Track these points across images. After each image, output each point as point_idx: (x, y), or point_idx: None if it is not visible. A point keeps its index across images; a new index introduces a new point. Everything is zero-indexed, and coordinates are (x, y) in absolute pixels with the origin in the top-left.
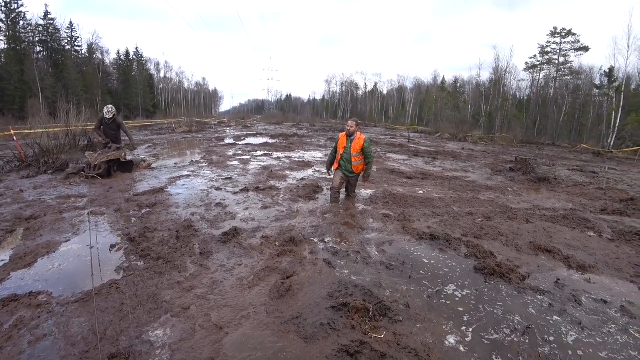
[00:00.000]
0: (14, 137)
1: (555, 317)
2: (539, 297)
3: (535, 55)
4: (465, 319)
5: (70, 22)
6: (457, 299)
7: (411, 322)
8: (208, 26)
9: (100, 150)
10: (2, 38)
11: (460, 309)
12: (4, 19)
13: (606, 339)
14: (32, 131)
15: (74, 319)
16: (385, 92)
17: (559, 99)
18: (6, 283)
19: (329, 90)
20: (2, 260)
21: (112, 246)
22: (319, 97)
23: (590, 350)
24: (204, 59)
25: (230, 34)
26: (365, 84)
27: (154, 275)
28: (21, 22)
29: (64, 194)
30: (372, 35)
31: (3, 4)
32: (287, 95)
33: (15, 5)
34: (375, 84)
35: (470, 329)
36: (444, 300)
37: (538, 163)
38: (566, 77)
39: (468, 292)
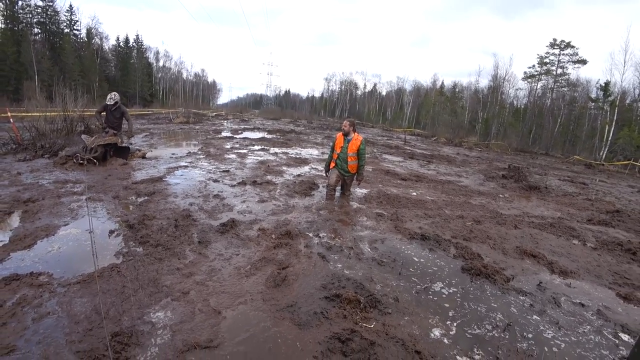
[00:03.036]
0: (11, 119)
1: (534, 317)
2: (521, 297)
3: (534, 65)
4: (451, 314)
5: (70, 5)
6: (443, 295)
7: (399, 314)
8: (210, 18)
9: (97, 134)
10: None
11: (446, 305)
12: None
13: (580, 338)
14: (29, 114)
15: (76, 299)
16: (384, 93)
17: (555, 110)
18: (7, 263)
19: (328, 89)
20: (2, 241)
21: (111, 232)
22: (317, 94)
23: (565, 347)
24: (204, 50)
25: (232, 27)
26: (365, 84)
27: (154, 260)
28: (20, 2)
29: (61, 178)
30: (372, 36)
31: None
32: (285, 91)
33: None
34: (375, 85)
35: (455, 324)
36: (431, 297)
37: (530, 172)
38: (563, 88)
39: (454, 290)
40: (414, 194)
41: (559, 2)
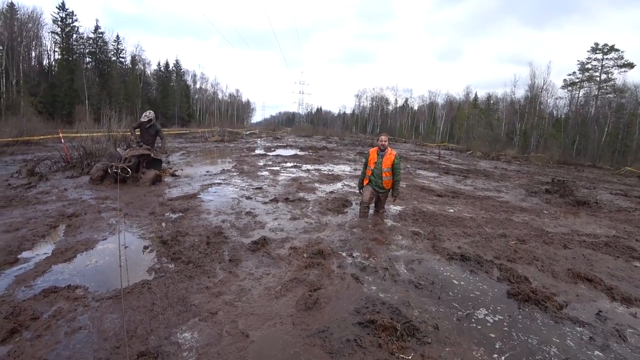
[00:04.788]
0: (62, 140)
1: (596, 352)
2: (578, 328)
3: (574, 72)
4: (497, 346)
5: (117, 36)
6: (488, 324)
7: (440, 344)
8: (244, 42)
9: (132, 148)
10: (57, 49)
11: (492, 335)
12: (60, 32)
13: None
14: (78, 135)
15: (107, 315)
16: (415, 107)
17: (601, 118)
18: (47, 275)
19: (359, 105)
20: (45, 254)
21: (145, 247)
22: (349, 111)
23: None
24: (239, 71)
25: (265, 49)
26: (396, 100)
27: (184, 278)
28: (74, 36)
29: (102, 195)
30: (402, 52)
31: (59, 19)
32: (317, 109)
33: (70, 20)
34: (406, 100)
35: (503, 357)
36: (474, 325)
37: (577, 185)
38: (609, 95)
39: (500, 317)
40: (451, 210)
41: (594, 6)
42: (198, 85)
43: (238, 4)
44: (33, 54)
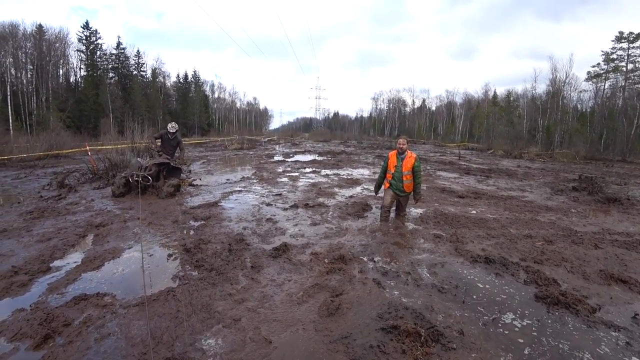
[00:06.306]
0: (89, 152)
1: (634, 359)
2: (613, 333)
3: (598, 64)
4: (527, 352)
5: (138, 51)
6: (516, 329)
7: (466, 350)
8: (260, 51)
9: (152, 158)
10: (82, 66)
11: (520, 341)
12: (84, 50)
13: None
14: (104, 147)
15: (134, 322)
16: (433, 108)
17: (629, 110)
18: (78, 283)
19: (376, 108)
20: (75, 262)
21: (169, 255)
22: (366, 114)
23: None
24: (256, 79)
25: (280, 56)
26: (413, 101)
27: (208, 285)
28: (98, 52)
29: (127, 205)
30: (418, 52)
31: (84, 37)
32: (334, 113)
33: (94, 38)
34: (424, 100)
35: None
36: (501, 330)
37: (606, 181)
38: (637, 85)
39: (528, 322)
40: (474, 212)
41: None
42: (216, 95)
43: (252, 15)
44: (61, 71)
